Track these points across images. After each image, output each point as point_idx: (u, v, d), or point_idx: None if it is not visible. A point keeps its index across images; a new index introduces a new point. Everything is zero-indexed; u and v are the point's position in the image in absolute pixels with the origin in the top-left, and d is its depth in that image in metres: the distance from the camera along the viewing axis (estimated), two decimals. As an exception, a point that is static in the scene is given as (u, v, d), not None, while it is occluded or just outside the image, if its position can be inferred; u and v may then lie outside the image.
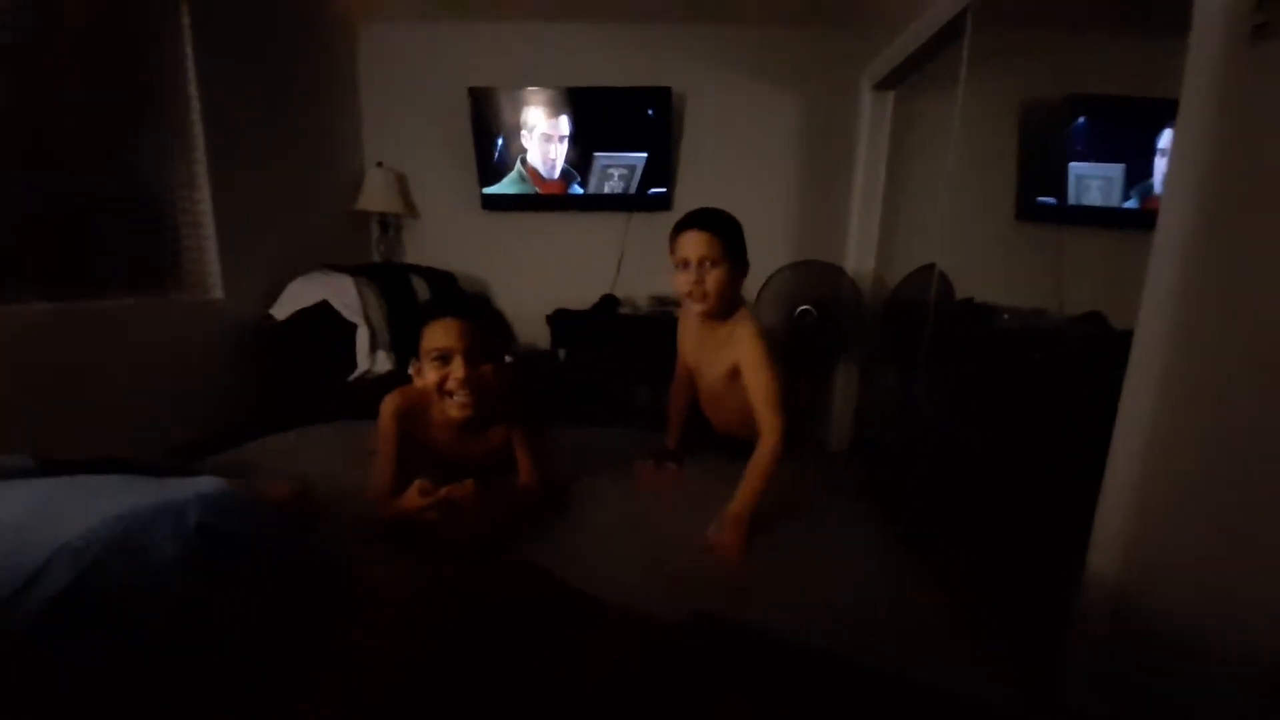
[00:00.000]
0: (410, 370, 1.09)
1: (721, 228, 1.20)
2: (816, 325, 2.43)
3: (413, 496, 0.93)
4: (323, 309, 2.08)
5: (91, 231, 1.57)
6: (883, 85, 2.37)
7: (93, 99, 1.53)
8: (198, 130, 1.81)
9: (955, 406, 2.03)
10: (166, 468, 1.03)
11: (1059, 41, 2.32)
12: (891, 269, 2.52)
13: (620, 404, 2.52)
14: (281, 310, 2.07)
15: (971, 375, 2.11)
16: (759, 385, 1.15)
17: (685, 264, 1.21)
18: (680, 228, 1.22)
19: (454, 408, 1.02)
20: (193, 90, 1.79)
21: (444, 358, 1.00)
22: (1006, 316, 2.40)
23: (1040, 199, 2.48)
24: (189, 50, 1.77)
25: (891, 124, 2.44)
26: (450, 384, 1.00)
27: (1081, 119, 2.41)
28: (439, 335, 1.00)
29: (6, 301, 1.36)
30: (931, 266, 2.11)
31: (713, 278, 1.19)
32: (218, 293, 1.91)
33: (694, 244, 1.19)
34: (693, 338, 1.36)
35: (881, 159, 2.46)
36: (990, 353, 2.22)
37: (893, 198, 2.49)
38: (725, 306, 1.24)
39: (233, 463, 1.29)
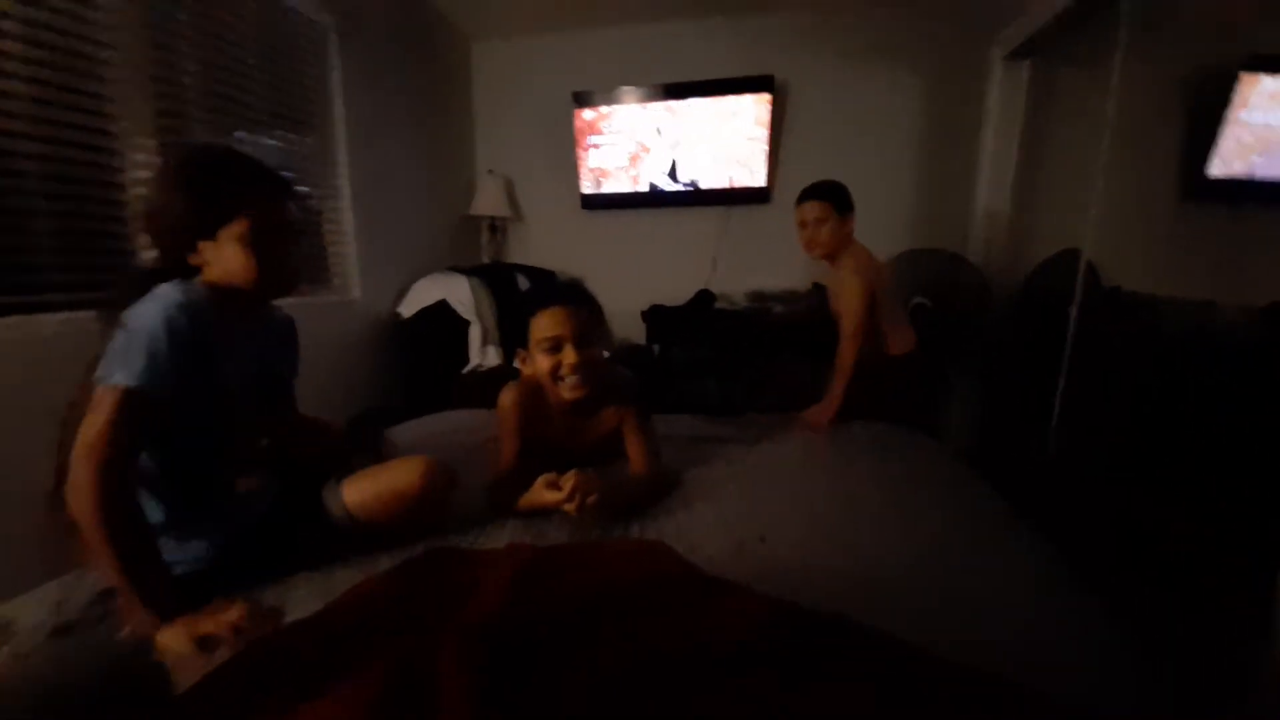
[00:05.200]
0: (517, 362, 1.15)
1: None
2: (932, 319, 2.26)
3: (540, 491, 0.98)
4: (441, 308, 2.24)
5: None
6: (1017, 54, 2.15)
7: (262, 120, 1.75)
8: (341, 145, 2.02)
9: (1103, 413, 1.79)
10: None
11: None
12: (1023, 256, 2.29)
13: (715, 400, 2.49)
14: (408, 308, 2.26)
15: (1121, 376, 1.86)
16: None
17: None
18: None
19: (567, 390, 1.07)
20: (338, 109, 1.99)
21: (555, 346, 1.05)
22: (1164, 309, 2.09)
23: (1212, 174, 2.13)
24: (337, 71, 1.97)
25: (1027, 96, 2.20)
26: (564, 369, 1.05)
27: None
28: (549, 324, 1.05)
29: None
30: (1074, 252, 1.88)
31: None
32: (356, 293, 2.12)
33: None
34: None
35: (1014, 135, 2.23)
36: (1143, 350, 1.95)
37: (1026, 177, 2.26)
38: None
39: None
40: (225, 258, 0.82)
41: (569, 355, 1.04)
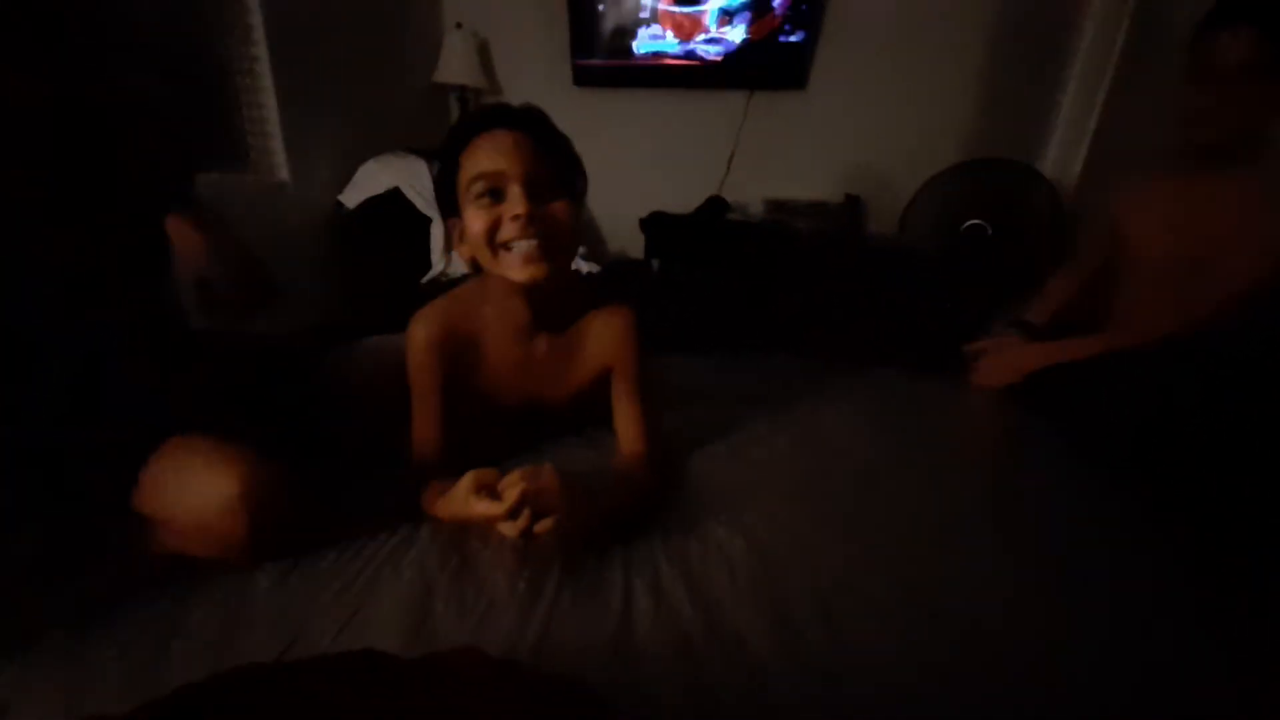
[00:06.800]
0: (454, 240, 0.74)
1: None
2: (988, 246, 1.88)
3: (466, 498, 0.62)
4: (394, 197, 1.84)
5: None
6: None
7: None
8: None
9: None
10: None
11: None
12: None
13: (724, 329, 2.17)
14: (351, 198, 1.86)
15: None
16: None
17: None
18: None
19: (516, 266, 0.67)
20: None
21: (493, 190, 0.66)
22: None
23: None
24: None
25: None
26: (506, 229, 0.66)
27: None
28: (485, 156, 0.66)
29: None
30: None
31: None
32: (284, 174, 1.70)
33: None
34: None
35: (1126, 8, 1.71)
36: None
37: (1131, 69, 1.76)
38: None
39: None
40: None
41: (516, 202, 0.65)
